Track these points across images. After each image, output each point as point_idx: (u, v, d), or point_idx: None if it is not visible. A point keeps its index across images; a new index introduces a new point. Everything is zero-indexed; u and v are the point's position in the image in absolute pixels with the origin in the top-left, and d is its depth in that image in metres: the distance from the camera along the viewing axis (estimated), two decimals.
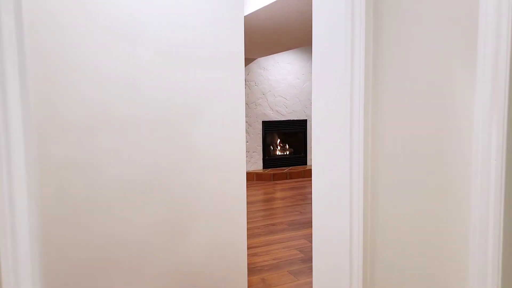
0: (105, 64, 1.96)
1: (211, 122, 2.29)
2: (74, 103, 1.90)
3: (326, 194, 1.23)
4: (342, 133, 1.15)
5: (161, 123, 2.13)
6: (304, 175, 6.89)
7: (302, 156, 7.32)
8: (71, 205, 1.92)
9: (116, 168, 2.02)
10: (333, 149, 1.19)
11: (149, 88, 2.09)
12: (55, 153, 1.88)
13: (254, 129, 6.84)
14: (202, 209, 2.30)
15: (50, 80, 1.85)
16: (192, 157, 2.24)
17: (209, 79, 2.27)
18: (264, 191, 5.92)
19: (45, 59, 1.83)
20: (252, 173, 6.67)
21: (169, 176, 2.18)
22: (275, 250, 3.52)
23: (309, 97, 7.24)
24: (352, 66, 1.13)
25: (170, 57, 2.13)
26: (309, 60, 7.17)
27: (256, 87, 6.78)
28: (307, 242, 3.71)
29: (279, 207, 5.00)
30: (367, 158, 1.13)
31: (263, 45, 5.22)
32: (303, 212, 4.69)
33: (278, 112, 7.00)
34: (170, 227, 2.20)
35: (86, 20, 1.91)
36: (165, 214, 2.18)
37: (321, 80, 1.24)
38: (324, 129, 1.23)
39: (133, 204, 2.08)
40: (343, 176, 1.16)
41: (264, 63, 6.80)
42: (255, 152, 6.90)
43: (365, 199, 1.13)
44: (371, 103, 1.12)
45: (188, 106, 2.21)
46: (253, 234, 3.93)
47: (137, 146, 2.07)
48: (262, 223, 4.31)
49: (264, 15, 3.41)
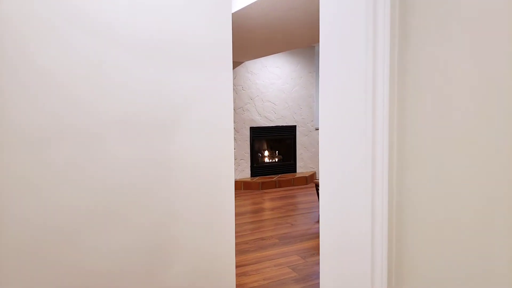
0: (60, 60, 1.64)
1: (194, 130, 1.99)
2: (21, 110, 1.57)
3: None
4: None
5: (133, 132, 1.82)
6: (294, 183, 6.62)
7: (291, 163, 7.05)
8: (27, 233, 1.59)
9: (77, 188, 1.70)
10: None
11: (118, 90, 1.78)
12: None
13: (242, 136, 6.54)
14: (183, 230, 1.98)
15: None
16: (171, 171, 1.93)
17: (192, 81, 1.97)
18: (252, 201, 5.62)
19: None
20: (240, 181, 6.36)
21: (143, 194, 1.86)
22: (265, 269, 3.22)
23: (299, 103, 6.99)
24: (374, 58, 0.85)
25: (145, 54, 1.83)
26: (298, 64, 6.92)
27: (243, 91, 6.49)
28: (299, 258, 3.42)
29: (268, 218, 4.70)
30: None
31: (252, 47, 4.95)
32: (294, 224, 4.41)
33: (266, 117, 6.73)
34: (147, 253, 1.88)
35: (34, 5, 1.59)
36: (141, 238, 1.86)
37: (332, 79, 0.95)
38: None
39: (101, 230, 1.76)
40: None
41: (252, 67, 6.53)
42: (242, 160, 6.60)
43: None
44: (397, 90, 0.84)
45: (166, 111, 1.90)
46: (241, 251, 3.62)
47: (103, 161, 1.74)
48: (251, 237, 4.00)
49: (254, 12, 3.14)
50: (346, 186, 0.93)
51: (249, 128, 6.58)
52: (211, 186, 2.06)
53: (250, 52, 5.36)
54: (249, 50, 5.17)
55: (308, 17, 3.32)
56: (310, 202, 5.47)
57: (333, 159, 0.96)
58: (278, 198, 5.80)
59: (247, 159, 6.64)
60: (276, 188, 6.46)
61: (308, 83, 7.04)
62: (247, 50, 5.21)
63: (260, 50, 5.24)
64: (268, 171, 6.85)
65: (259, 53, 5.50)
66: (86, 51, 1.68)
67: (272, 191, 6.26)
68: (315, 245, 3.72)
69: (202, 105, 2.00)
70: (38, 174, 1.61)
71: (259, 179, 6.52)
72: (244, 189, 6.36)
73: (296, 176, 6.74)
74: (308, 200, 5.60)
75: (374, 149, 0.86)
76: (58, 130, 1.64)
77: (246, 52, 5.41)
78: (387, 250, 0.86)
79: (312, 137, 7.18)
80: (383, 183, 0.86)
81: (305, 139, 7.12)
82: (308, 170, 7.19)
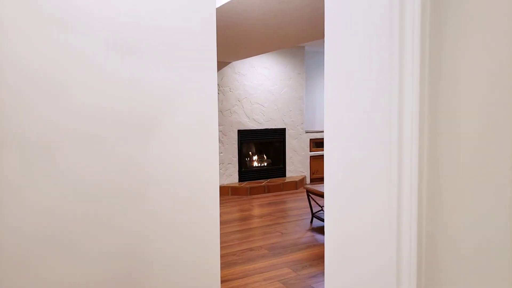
0: (13, 55, 1.38)
1: (173, 134, 1.74)
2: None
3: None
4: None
5: (101, 139, 1.57)
6: (283, 188, 6.39)
7: (280, 167, 6.82)
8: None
9: (29, 209, 1.43)
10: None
11: (84, 90, 1.52)
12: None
13: (229, 139, 6.29)
14: (161, 249, 1.73)
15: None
16: (147, 183, 1.68)
17: (171, 79, 1.72)
18: (240, 208, 5.37)
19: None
20: (227, 187, 6.11)
21: (113, 212, 1.60)
22: (254, 284, 2.97)
23: (288, 105, 6.77)
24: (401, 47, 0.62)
25: (117, 49, 1.58)
26: (288, 64, 6.71)
27: (230, 93, 6.25)
28: (291, 271, 3.18)
29: (257, 226, 4.46)
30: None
31: (239, 46, 4.71)
32: (284, 233, 4.17)
33: (254, 120, 6.49)
34: (117, 282, 1.62)
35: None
36: (109, 265, 1.60)
37: (343, 75, 0.72)
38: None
39: (58, 258, 1.50)
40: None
41: (239, 67, 6.29)
42: (230, 164, 6.35)
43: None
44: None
45: (142, 114, 1.65)
46: (228, 263, 3.37)
47: (61, 174, 1.48)
48: (239, 248, 3.75)
49: (241, 6, 2.90)
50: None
51: (237, 131, 6.34)
52: (193, 196, 1.82)
53: (237, 51, 5.13)
54: (236, 49, 4.94)
55: (298, 13, 3.10)
56: (301, 208, 5.24)
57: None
58: (267, 204, 5.56)
59: (235, 163, 6.39)
60: (265, 194, 6.22)
61: (297, 85, 6.83)
62: (234, 50, 4.98)
63: (248, 50, 5.01)
64: (256, 176, 6.61)
65: (246, 53, 5.26)
66: (51, 46, 1.42)
67: (261, 197, 6.02)
68: (306, 256, 3.49)
69: (183, 107, 1.76)
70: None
71: (247, 184, 6.28)
72: (232, 195, 6.10)
73: (286, 180, 6.52)
74: (298, 206, 5.38)
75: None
76: (6, 138, 1.37)
77: (233, 52, 5.17)
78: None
79: (302, 140, 6.97)
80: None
81: (295, 142, 6.91)
82: (298, 174, 6.97)
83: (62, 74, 1.47)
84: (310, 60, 7.20)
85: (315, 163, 7.15)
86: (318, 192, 4.23)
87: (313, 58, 7.24)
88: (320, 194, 4.19)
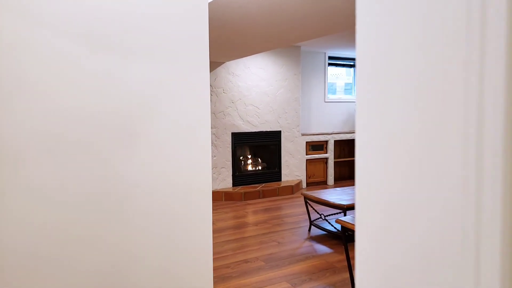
0: None
1: (160, 139, 1.52)
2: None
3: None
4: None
5: (76, 146, 1.33)
6: (279, 193, 6.17)
7: (276, 171, 6.61)
8: None
9: (3, 222, 1.20)
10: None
11: (57, 91, 1.29)
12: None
13: (223, 142, 6.06)
14: (148, 268, 1.50)
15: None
16: (133, 192, 1.45)
17: (158, 79, 1.50)
18: (234, 214, 5.14)
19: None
20: (221, 192, 5.87)
21: (96, 224, 1.37)
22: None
23: (283, 106, 6.56)
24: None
25: (95, 44, 1.35)
26: (283, 65, 6.50)
27: (224, 94, 6.02)
28: (290, 286, 2.96)
29: (252, 235, 4.23)
30: None
31: (233, 45, 4.49)
32: (281, 243, 3.95)
33: (249, 122, 6.27)
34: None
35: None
36: (94, 281, 1.37)
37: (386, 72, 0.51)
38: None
39: (39, 275, 1.26)
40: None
41: (233, 67, 6.06)
42: (223, 168, 6.11)
43: None
44: None
45: (124, 117, 1.43)
46: (222, 277, 3.14)
47: (29, 188, 1.24)
48: (233, 260, 3.52)
49: (235, 2, 2.68)
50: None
51: (231, 134, 6.11)
52: (184, 204, 1.60)
53: (231, 51, 4.90)
54: (230, 48, 4.71)
55: (294, 9, 2.89)
56: (298, 215, 5.03)
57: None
58: (262, 210, 5.34)
59: (229, 167, 6.16)
60: (260, 199, 5.99)
61: (293, 86, 6.62)
62: (227, 49, 4.75)
63: (242, 49, 4.78)
64: (251, 180, 6.39)
65: (240, 52, 5.04)
66: (16, 42, 1.19)
67: (255, 202, 5.80)
68: (306, 269, 3.27)
69: (172, 108, 1.54)
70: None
71: (242, 188, 6.05)
72: (226, 200, 5.87)
73: (282, 185, 6.30)
74: (295, 212, 5.16)
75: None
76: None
77: (227, 51, 4.94)
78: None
79: (298, 143, 6.76)
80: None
81: (291, 145, 6.69)
82: (294, 179, 6.76)
83: (27, 73, 1.24)
84: (306, 60, 6.99)
85: (311, 166, 6.94)
86: (320, 200, 4.01)
87: (309, 58, 7.03)
88: (322, 202, 3.97)
